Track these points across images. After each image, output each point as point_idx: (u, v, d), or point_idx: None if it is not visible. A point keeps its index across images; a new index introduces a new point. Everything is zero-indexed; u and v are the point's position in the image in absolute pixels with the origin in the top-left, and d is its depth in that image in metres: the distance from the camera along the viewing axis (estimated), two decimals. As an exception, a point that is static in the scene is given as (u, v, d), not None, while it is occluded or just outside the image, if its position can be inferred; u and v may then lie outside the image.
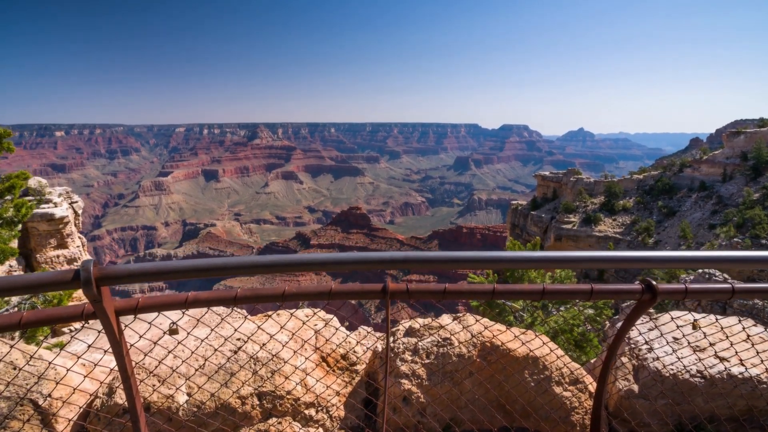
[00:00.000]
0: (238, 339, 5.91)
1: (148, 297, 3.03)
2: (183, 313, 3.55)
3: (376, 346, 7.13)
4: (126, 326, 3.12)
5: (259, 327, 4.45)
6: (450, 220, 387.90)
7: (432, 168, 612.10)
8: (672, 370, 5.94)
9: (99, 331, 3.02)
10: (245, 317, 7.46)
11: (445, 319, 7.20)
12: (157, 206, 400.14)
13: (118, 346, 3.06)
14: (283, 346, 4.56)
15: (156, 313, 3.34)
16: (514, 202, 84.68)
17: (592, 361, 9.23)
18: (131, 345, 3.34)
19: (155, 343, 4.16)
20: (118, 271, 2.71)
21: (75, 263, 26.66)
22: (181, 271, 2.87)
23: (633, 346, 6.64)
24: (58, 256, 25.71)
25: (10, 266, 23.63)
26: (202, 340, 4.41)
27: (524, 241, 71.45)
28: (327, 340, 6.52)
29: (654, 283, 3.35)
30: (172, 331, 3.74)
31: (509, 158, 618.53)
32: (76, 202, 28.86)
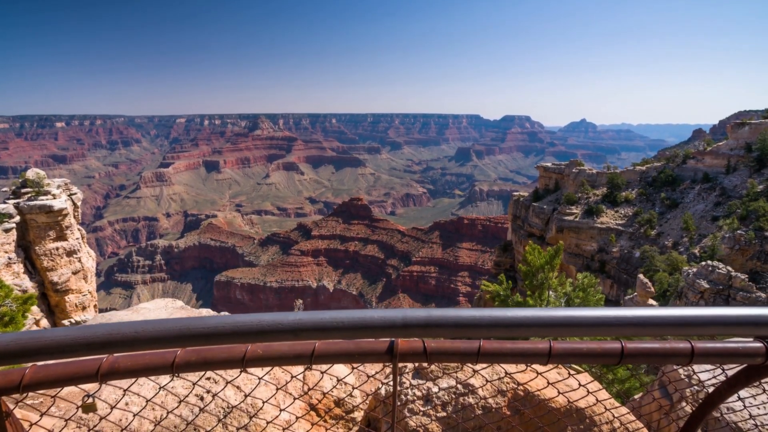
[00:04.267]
0: (208, 378, 5.02)
1: (42, 367, 2.25)
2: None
3: (379, 390, 5.84)
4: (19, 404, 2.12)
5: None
6: (451, 211, 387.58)
7: (433, 159, 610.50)
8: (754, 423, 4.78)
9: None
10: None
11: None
12: (159, 197, 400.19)
13: None
14: (264, 403, 3.29)
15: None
16: (515, 193, 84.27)
17: (636, 397, 8.12)
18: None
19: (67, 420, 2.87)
20: None
21: (74, 255, 26.53)
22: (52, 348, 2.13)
23: (696, 387, 5.50)
24: (57, 248, 25.56)
25: (9, 258, 23.52)
26: (161, 387, 2.90)
27: (528, 234, 71.27)
28: (316, 388, 5.42)
29: None
30: (87, 408, 2.49)
31: (511, 149, 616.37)
32: (75, 193, 28.66)
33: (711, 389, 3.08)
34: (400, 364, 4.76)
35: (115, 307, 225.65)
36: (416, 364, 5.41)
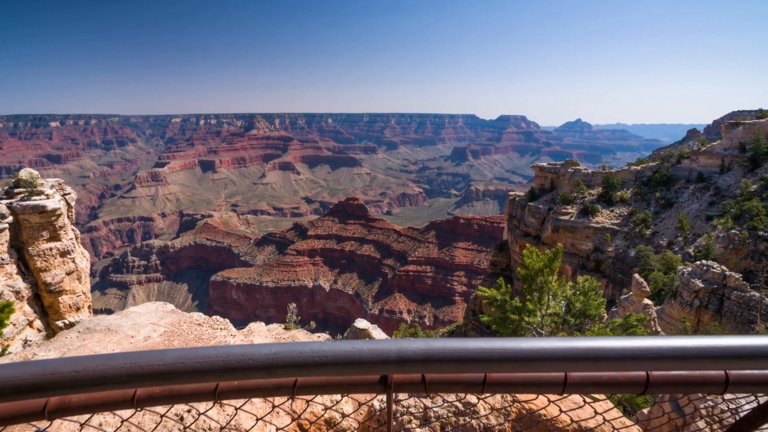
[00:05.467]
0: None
1: None
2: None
3: (373, 405, 5.51)
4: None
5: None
6: (447, 210, 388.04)
7: (429, 158, 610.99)
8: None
9: None
10: None
11: None
12: (154, 197, 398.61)
13: None
14: None
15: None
16: (511, 192, 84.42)
17: (645, 411, 7.89)
18: None
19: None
20: None
21: (68, 255, 26.37)
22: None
23: (711, 402, 5.08)
24: (50, 249, 25.40)
25: (2, 259, 23.35)
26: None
27: (524, 234, 71.40)
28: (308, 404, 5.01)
29: None
30: None
31: (507, 149, 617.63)
32: (69, 193, 28.48)
33: (730, 404, 2.63)
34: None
35: (110, 307, 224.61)
36: None
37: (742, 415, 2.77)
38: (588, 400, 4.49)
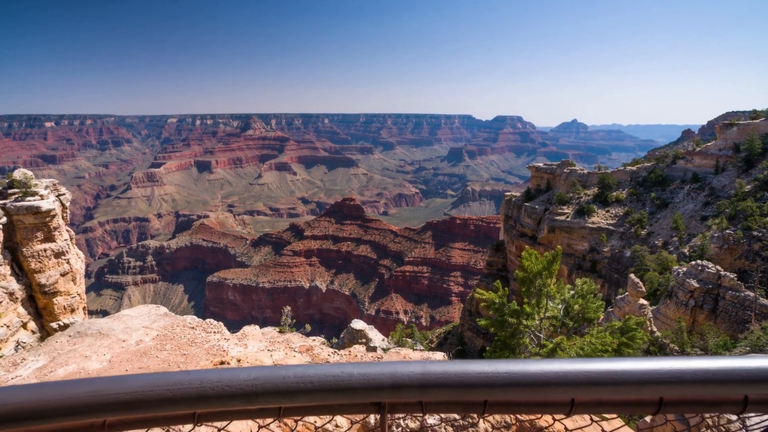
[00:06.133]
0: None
1: None
2: None
3: (368, 420, 5.21)
4: None
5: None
6: (444, 211, 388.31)
7: (426, 159, 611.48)
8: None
9: None
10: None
11: None
12: (150, 198, 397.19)
13: None
14: None
15: None
16: (507, 193, 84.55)
17: (647, 419, 7.73)
18: None
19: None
20: None
21: (63, 256, 26.23)
22: None
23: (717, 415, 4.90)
24: (45, 250, 25.25)
25: (-4, 260, 23.20)
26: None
27: (520, 234, 71.50)
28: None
29: None
30: None
31: (503, 149, 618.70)
32: (64, 194, 28.32)
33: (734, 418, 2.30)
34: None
35: (105, 308, 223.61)
36: None
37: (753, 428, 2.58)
38: (596, 418, 4.38)
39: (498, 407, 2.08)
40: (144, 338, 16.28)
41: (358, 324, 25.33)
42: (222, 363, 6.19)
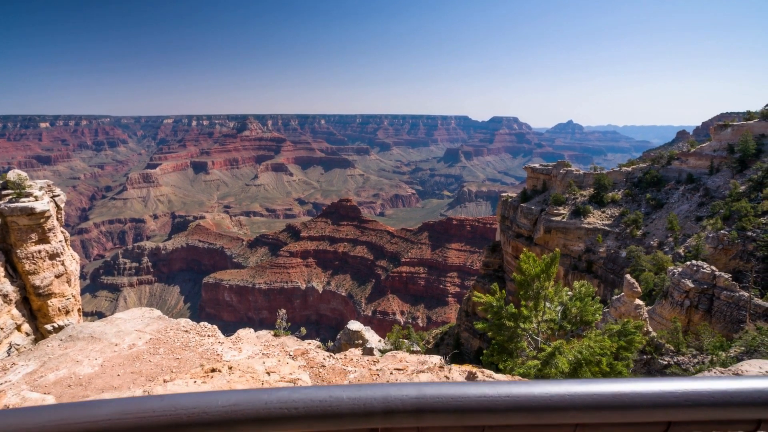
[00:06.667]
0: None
1: None
2: None
3: None
4: None
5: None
6: (440, 212, 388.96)
7: (422, 160, 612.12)
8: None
9: None
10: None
11: (457, 378, 4.98)
12: (146, 198, 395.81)
13: None
14: None
15: None
16: (504, 194, 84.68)
17: None
18: None
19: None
20: None
21: (57, 258, 26.09)
22: None
23: None
24: (39, 252, 25.09)
25: (-10, 262, 23.06)
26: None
27: (516, 235, 71.64)
28: None
29: None
30: None
31: (499, 150, 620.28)
32: (59, 195, 28.15)
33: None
34: None
35: (101, 310, 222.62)
36: None
37: None
38: None
39: (499, 430, 1.92)
40: (137, 342, 16.17)
41: (354, 325, 25.31)
42: (213, 370, 6.18)
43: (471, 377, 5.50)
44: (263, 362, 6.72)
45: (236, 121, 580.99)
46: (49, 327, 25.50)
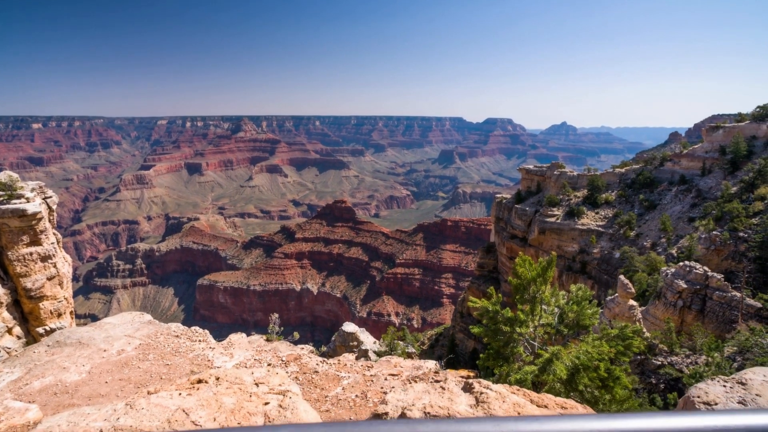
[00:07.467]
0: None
1: None
2: None
3: None
4: None
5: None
6: (435, 213, 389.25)
7: (417, 161, 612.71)
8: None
9: None
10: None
11: (453, 389, 4.94)
12: (139, 200, 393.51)
13: None
14: None
15: None
16: (498, 195, 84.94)
17: None
18: None
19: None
20: None
21: (49, 260, 25.86)
22: None
23: None
24: (31, 254, 24.85)
25: (-20, 264, 22.82)
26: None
27: (510, 236, 71.79)
28: None
29: None
30: None
31: (493, 152, 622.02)
32: (51, 197, 27.90)
33: None
34: (379, 408, 3.47)
35: (94, 312, 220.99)
36: (401, 409, 4.38)
37: None
38: None
39: None
40: (126, 348, 15.97)
41: (349, 327, 25.22)
42: (199, 381, 6.09)
43: (467, 388, 5.42)
44: (252, 372, 6.61)
45: (231, 122, 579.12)
46: (40, 330, 25.25)
